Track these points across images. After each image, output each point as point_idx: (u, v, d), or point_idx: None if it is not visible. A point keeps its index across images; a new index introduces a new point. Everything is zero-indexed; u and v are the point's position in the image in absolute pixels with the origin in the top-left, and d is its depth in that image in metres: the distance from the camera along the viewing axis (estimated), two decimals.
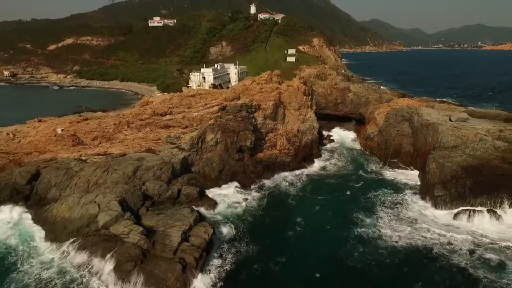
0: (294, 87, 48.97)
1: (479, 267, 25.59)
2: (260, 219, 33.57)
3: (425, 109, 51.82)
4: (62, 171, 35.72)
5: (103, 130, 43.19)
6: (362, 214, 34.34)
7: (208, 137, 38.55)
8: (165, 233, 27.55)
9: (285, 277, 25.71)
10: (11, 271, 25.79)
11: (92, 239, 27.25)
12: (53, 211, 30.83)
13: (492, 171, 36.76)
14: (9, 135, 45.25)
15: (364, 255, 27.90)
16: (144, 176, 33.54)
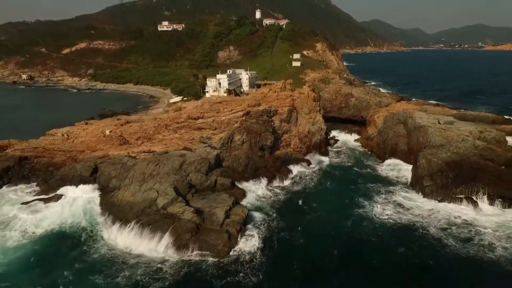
0: (305, 94, 56.93)
1: (450, 239, 33.44)
2: (281, 203, 41.48)
3: (418, 113, 59.67)
4: (118, 166, 43.74)
5: (144, 131, 51.16)
6: (363, 199, 42.28)
7: (236, 137, 46.52)
8: (211, 212, 35.50)
9: (304, 242, 33.59)
10: (88, 247, 33.22)
11: (155, 217, 35.19)
12: (118, 196, 38.75)
13: (470, 166, 44.63)
14: (64, 136, 53.31)
15: (362, 229, 35.93)
16: (188, 169, 41.48)
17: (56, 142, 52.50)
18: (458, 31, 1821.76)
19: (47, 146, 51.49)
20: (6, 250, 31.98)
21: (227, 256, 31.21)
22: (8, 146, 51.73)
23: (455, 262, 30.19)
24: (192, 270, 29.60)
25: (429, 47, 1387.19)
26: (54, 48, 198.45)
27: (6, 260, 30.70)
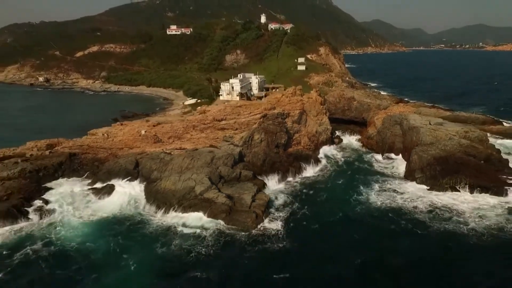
0: (313, 99, 64.91)
1: (433, 218, 41.41)
2: (294, 192, 49.48)
3: (412, 115, 67.57)
4: (157, 160, 51.80)
5: (175, 131, 59.20)
6: (363, 188, 50.25)
7: (255, 136, 54.53)
8: (239, 197, 43.54)
9: (314, 221, 41.53)
10: (142, 225, 41.20)
11: (194, 201, 43.28)
12: (161, 185, 46.79)
13: (455, 161, 52.54)
14: (104, 135, 61.43)
15: (362, 211, 44.02)
16: (217, 163, 49.48)
17: (98, 141, 60.64)
18: (459, 31, 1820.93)
19: (90, 144, 59.60)
20: (77, 227, 40.01)
21: (255, 230, 39.24)
22: (57, 144, 59.88)
23: (435, 234, 38.17)
24: (228, 239, 37.65)
25: (430, 47, 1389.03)
26: (67, 51, 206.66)
27: (78, 234, 38.75)
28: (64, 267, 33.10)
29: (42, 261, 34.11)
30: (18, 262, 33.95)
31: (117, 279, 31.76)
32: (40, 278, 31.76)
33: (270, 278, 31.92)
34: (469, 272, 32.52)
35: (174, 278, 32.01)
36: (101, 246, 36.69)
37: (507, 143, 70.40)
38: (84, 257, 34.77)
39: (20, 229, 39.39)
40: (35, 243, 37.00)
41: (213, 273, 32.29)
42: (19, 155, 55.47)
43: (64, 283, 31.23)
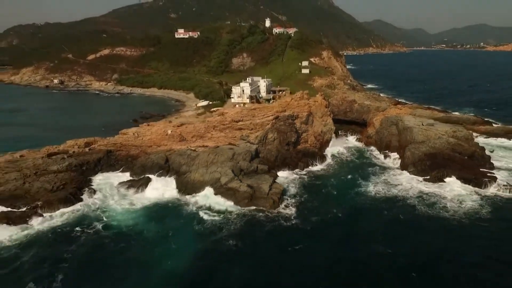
0: (319, 102, 72.97)
1: (420, 204, 49.40)
2: (303, 183, 57.50)
3: (407, 117, 75.55)
4: (185, 156, 59.94)
5: (197, 131, 67.34)
6: (362, 180, 58.26)
7: (269, 135, 62.63)
8: (258, 186, 51.61)
9: (321, 207, 49.54)
10: (179, 209, 49.44)
11: (220, 190, 51.39)
12: (191, 177, 54.93)
13: (443, 157, 60.56)
14: (135, 134, 69.62)
15: (361, 198, 51.99)
16: (237, 158, 57.58)
17: (129, 139, 68.84)
18: (460, 31, 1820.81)
19: (123, 142, 67.78)
20: (115, 221, 47.70)
21: (272, 213, 47.31)
22: (94, 142, 68.07)
23: (421, 217, 46.22)
24: (250, 218, 45.82)
25: (431, 48, 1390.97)
26: (80, 54, 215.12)
27: (126, 217, 46.90)
28: (119, 242, 41.09)
29: (99, 236, 42.17)
30: (81, 236, 42.08)
31: (167, 250, 39.77)
32: (99, 250, 39.71)
33: (285, 249, 39.88)
34: (449, 246, 40.53)
35: (210, 247, 40.04)
36: (148, 226, 44.78)
37: (493, 142, 78.37)
38: (136, 234, 42.85)
39: (78, 210, 47.64)
40: (91, 222, 45.09)
41: (240, 244, 40.39)
42: (63, 152, 63.69)
43: (122, 254, 39.17)
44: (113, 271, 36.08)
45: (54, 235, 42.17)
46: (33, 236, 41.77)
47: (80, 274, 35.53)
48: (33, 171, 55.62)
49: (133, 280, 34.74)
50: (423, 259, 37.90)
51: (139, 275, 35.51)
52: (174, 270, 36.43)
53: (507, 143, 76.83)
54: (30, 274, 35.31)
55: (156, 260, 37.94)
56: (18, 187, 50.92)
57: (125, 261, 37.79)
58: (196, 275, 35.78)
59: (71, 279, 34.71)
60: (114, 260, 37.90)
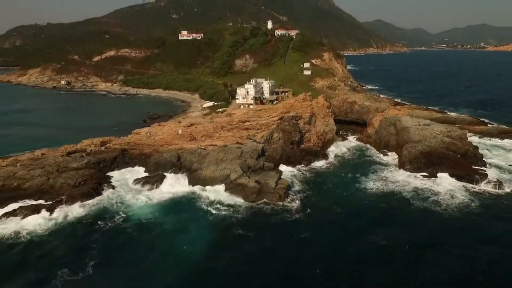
0: (321, 103, 76.98)
1: (415, 198, 53.36)
2: (306, 179, 61.49)
3: (404, 117, 79.50)
4: (196, 154, 63.98)
5: (207, 131, 71.39)
6: (362, 177, 62.23)
7: (274, 135, 66.65)
8: (265, 182, 55.61)
9: (322, 201, 53.51)
10: (187, 208, 53.12)
11: (230, 185, 55.43)
12: (202, 174, 58.99)
13: (437, 155, 64.51)
14: (147, 134, 73.70)
15: (360, 193, 55.93)
16: (245, 156, 61.62)
17: (142, 139, 72.92)
18: (461, 31, 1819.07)
19: (136, 142, 71.85)
20: (134, 214, 51.73)
21: (278, 206, 51.32)
22: (109, 141, 72.14)
23: (416, 210, 50.21)
24: (258, 211, 49.86)
25: (432, 48, 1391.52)
26: (85, 55, 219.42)
27: (144, 210, 50.99)
28: (139, 232, 45.07)
29: (121, 227, 46.15)
30: (104, 226, 46.13)
31: (183, 239, 43.75)
32: (121, 239, 43.70)
33: (290, 238, 43.81)
34: (441, 235, 44.52)
35: (222, 236, 44.00)
36: (165, 218, 48.80)
37: (487, 142, 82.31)
38: (155, 225, 46.86)
39: (99, 204, 51.68)
40: (113, 215, 49.08)
41: (250, 233, 44.36)
42: (81, 150, 67.79)
43: (143, 243, 43.15)
44: (135, 257, 40.05)
45: (80, 225, 46.25)
46: (61, 226, 45.85)
47: (105, 259, 39.49)
48: (55, 168, 59.72)
49: (154, 265, 38.72)
50: (416, 247, 41.83)
51: (159, 261, 39.52)
52: (190, 256, 40.43)
53: (500, 143, 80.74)
54: (61, 259, 39.30)
55: (174, 247, 41.98)
56: (44, 183, 55.02)
57: (146, 248, 41.81)
58: (210, 260, 39.74)
59: (98, 263, 38.63)
60: (136, 247, 41.95)
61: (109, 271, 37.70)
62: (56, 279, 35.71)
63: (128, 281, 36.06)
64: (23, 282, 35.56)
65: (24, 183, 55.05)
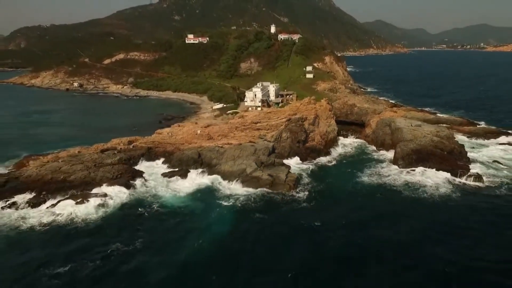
0: (324, 106, 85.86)
1: (406, 189, 62.19)
2: (312, 174, 70.33)
3: (398, 119, 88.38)
4: (214, 152, 72.87)
5: (222, 131, 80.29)
6: (361, 171, 71.07)
7: (283, 135, 75.53)
8: (277, 175, 64.47)
9: (326, 192, 62.38)
10: (210, 198, 62.04)
11: (246, 178, 64.32)
12: (221, 168, 67.87)
13: (427, 152, 73.36)
14: (169, 134, 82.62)
15: (358, 185, 64.75)
16: (258, 153, 70.49)
17: (164, 138, 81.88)
18: (461, 31, 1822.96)
19: (160, 140, 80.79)
20: (167, 201, 60.64)
21: (288, 196, 60.16)
22: (135, 140, 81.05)
23: (405, 199, 59.07)
24: (270, 200, 58.63)
25: (432, 48, 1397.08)
26: (96, 58, 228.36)
27: (173, 200, 59.87)
28: (174, 217, 53.87)
29: (158, 213, 54.94)
30: (144, 213, 55.00)
31: (210, 221, 52.55)
32: (160, 222, 52.54)
33: (298, 223, 52.31)
34: (425, 219, 53.34)
35: (241, 220, 52.72)
36: (192, 205, 57.65)
37: (473, 141, 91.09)
38: (185, 211, 55.73)
39: (136, 195, 60.53)
40: (149, 203, 57.84)
41: (264, 217, 53.15)
42: (112, 148, 76.73)
43: (179, 225, 51.96)
44: (173, 235, 48.87)
45: (124, 212, 55.06)
46: (108, 213, 54.43)
47: (149, 237, 48.22)
48: (93, 164, 68.61)
49: (189, 240, 47.51)
50: (404, 230, 50.58)
51: (193, 238, 48.26)
52: (218, 233, 49.22)
53: (485, 142, 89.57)
54: (113, 237, 47.96)
55: (203, 227, 50.82)
56: (86, 176, 63.92)
57: (181, 228, 50.65)
58: (232, 238, 48.40)
59: (144, 240, 47.30)
60: (173, 227, 50.80)
61: (153, 245, 46.45)
62: (112, 252, 44.48)
63: (170, 254, 44.76)
64: (87, 254, 44.29)
65: (69, 176, 63.96)
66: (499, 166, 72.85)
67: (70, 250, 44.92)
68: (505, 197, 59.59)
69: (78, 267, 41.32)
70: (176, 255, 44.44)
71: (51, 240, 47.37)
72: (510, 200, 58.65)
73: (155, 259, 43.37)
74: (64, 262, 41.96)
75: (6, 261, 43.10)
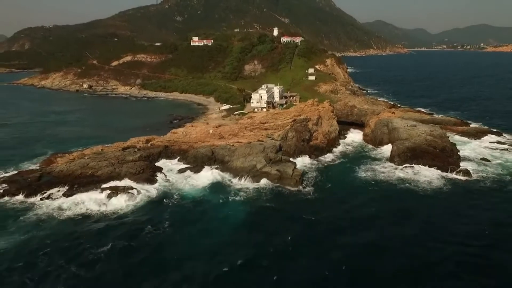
0: (326, 108, 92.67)
1: (400, 183, 68.92)
2: (316, 169, 77.14)
3: (395, 119, 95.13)
4: (226, 149, 79.64)
5: (233, 131, 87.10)
6: (360, 167, 77.76)
7: (289, 134, 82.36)
8: (284, 171, 71.28)
9: (327, 184, 69.17)
10: (226, 186, 69.22)
11: (257, 173, 71.15)
12: (233, 164, 74.68)
13: (420, 150, 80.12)
14: (183, 133, 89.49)
15: (356, 179, 71.52)
16: (267, 151, 77.26)
17: (179, 137, 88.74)
18: (462, 31, 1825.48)
19: (175, 139, 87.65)
20: (186, 193, 67.55)
21: (294, 189, 66.95)
22: (152, 139, 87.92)
23: (399, 192, 65.79)
24: (276, 192, 65.46)
25: (432, 48, 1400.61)
26: (104, 60, 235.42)
27: (192, 192, 66.74)
28: (196, 207, 60.67)
29: (181, 204, 61.78)
30: (169, 203, 61.86)
31: (226, 210, 59.34)
32: (186, 211, 59.37)
33: (303, 215, 58.77)
34: (418, 210, 60.10)
35: (253, 210, 59.44)
36: (210, 197, 64.35)
37: (465, 139, 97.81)
38: (204, 202, 62.57)
39: (158, 188, 67.40)
40: (172, 195, 64.63)
41: (274, 207, 59.99)
42: (132, 146, 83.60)
43: (201, 213, 58.75)
44: (195, 221, 55.73)
45: (150, 203, 61.82)
46: (135, 204, 61.03)
47: (175, 222, 55.09)
48: (116, 160, 75.47)
49: (209, 225, 54.33)
50: (397, 219, 57.35)
51: (215, 224, 55.10)
52: (234, 219, 55.89)
53: (475, 141, 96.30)
54: (144, 223, 54.82)
55: (221, 215, 57.64)
56: (112, 171, 70.77)
57: (201, 216, 57.52)
58: (245, 224, 55.13)
59: (171, 225, 54.16)
60: (195, 215, 57.64)
61: (180, 229, 53.33)
62: (146, 234, 51.36)
63: (193, 236, 51.52)
64: (124, 236, 51.10)
65: (97, 171, 70.86)
66: (486, 163, 79.57)
67: (107, 235, 51.66)
68: (489, 189, 66.48)
69: (116, 247, 48.15)
70: (201, 236, 51.33)
71: (88, 226, 54.13)
72: (493, 190, 65.64)
73: (183, 239, 50.33)
74: (104, 244, 48.71)
75: (53, 245, 49.80)
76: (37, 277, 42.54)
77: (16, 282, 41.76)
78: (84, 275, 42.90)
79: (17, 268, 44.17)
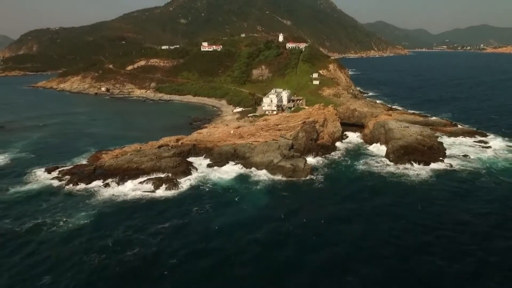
0: (331, 111, 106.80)
1: (392, 177, 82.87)
2: (323, 164, 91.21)
3: (391, 121, 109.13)
4: (246, 147, 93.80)
5: (250, 131, 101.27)
6: (359, 162, 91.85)
7: (299, 134, 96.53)
8: (297, 165, 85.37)
9: (333, 175, 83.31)
10: (247, 181, 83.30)
11: (274, 166, 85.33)
12: (253, 160, 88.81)
13: (412, 148, 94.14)
14: (207, 133, 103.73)
15: (355, 173, 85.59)
16: (281, 148, 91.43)
17: (204, 137, 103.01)
18: (462, 31, 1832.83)
19: (201, 139, 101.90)
20: (217, 183, 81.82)
21: (306, 180, 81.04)
22: (181, 139, 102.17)
23: (391, 183, 79.82)
24: (291, 183, 79.56)
25: (432, 49, 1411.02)
26: (119, 65, 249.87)
27: (222, 183, 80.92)
28: (225, 193, 74.86)
29: (215, 190, 75.99)
30: (205, 189, 76.04)
31: (250, 197, 73.51)
32: (219, 196, 73.54)
33: (315, 201, 72.91)
34: (405, 198, 74.14)
35: (271, 197, 73.65)
36: (236, 186, 78.52)
37: (452, 139, 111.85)
38: (232, 189, 76.78)
39: (194, 179, 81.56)
40: (205, 184, 78.95)
41: (289, 195, 74.07)
42: (165, 145, 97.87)
43: (230, 198, 72.88)
44: (228, 203, 69.89)
45: (190, 190, 76.08)
46: (178, 191, 75.28)
47: (214, 204, 69.17)
48: (155, 156, 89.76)
49: (242, 207, 68.42)
50: (388, 206, 71.37)
51: (243, 205, 69.18)
52: (257, 202, 70.08)
53: (461, 140, 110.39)
54: (189, 205, 68.96)
55: (248, 199, 71.86)
56: (154, 165, 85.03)
57: (231, 200, 71.73)
58: (267, 205, 69.25)
59: (210, 206, 68.13)
60: (227, 199, 71.86)
61: (218, 209, 67.54)
62: (193, 213, 65.60)
63: (229, 214, 65.58)
64: (174, 216, 65.16)
65: (141, 165, 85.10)
66: (468, 159, 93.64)
67: (163, 214, 65.79)
68: (466, 179, 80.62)
69: (174, 222, 62.32)
70: (234, 214, 65.51)
71: (145, 208, 68.34)
72: (470, 180, 79.73)
73: (223, 216, 64.59)
74: (164, 221, 62.82)
75: (120, 220, 63.83)
76: (110, 242, 56.15)
77: (98, 246, 55.41)
78: (152, 241, 57.02)
79: (97, 236, 58.05)
